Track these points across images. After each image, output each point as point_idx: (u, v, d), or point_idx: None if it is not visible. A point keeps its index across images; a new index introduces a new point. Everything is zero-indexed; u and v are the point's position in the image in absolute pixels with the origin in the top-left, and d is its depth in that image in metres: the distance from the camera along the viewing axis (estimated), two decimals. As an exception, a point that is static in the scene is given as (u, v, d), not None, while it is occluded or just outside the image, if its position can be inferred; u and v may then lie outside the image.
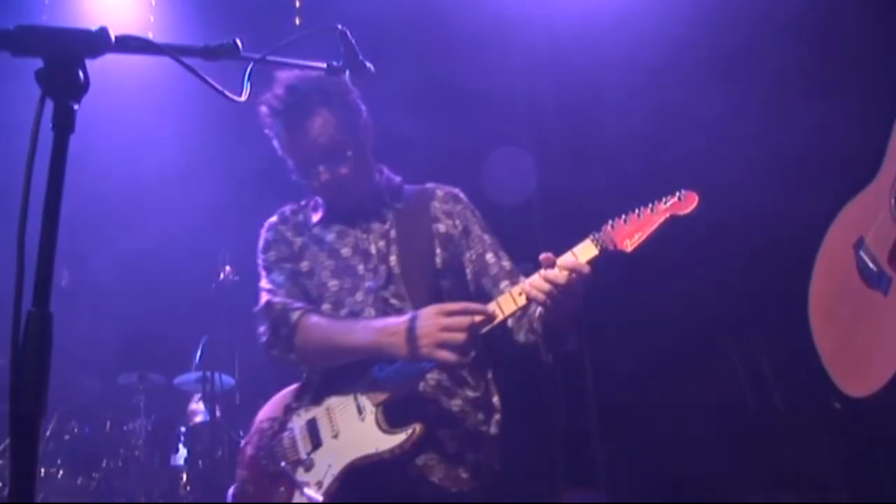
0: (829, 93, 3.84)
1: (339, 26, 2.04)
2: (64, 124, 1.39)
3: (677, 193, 2.38)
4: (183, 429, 6.08)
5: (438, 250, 2.75)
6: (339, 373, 2.61)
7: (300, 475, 2.53)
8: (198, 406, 6.25)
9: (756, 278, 4.14)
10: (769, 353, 4.45)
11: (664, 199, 2.38)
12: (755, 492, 4.32)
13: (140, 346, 6.33)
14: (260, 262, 2.91)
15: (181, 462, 5.85)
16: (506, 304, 2.42)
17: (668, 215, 2.35)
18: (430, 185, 2.94)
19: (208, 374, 5.89)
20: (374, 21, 4.51)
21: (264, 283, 2.85)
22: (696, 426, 4.53)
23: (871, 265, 2.62)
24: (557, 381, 5.37)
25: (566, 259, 2.34)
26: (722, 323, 4.52)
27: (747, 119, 4.21)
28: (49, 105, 1.40)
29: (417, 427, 2.43)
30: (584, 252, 2.35)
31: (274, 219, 2.96)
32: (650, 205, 2.38)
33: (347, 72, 2.21)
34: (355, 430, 2.50)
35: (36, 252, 1.30)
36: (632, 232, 2.34)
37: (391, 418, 2.48)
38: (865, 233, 2.68)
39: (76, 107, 1.42)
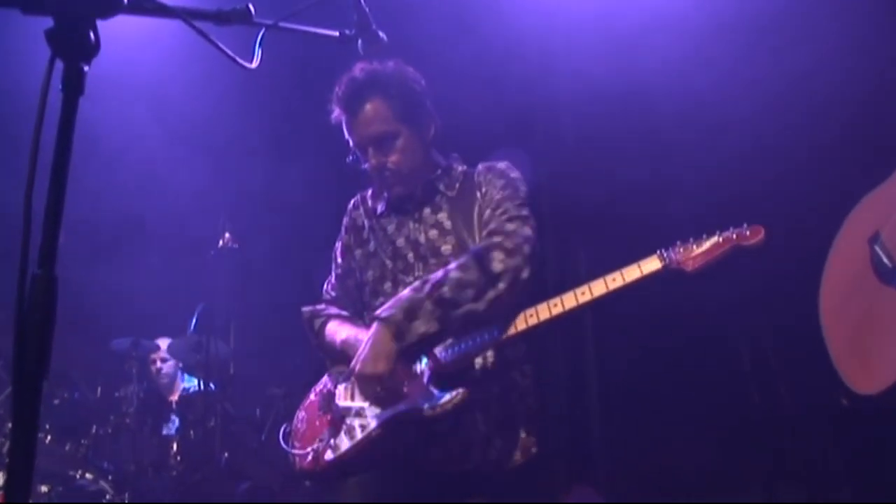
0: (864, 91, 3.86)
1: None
2: (74, 86, 1.41)
3: (745, 226, 2.56)
4: (175, 397, 6.17)
5: (479, 231, 2.81)
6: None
7: (349, 419, 2.70)
8: (164, 358, 6.29)
9: (765, 270, 4.17)
10: (776, 348, 4.47)
11: (732, 230, 2.57)
12: (758, 491, 4.37)
13: (134, 311, 6.39)
14: (337, 243, 3.12)
15: (172, 431, 5.93)
16: (568, 301, 2.58)
17: (733, 245, 2.55)
18: (480, 165, 2.99)
19: (204, 340, 5.96)
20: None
21: (333, 268, 3.12)
22: (699, 422, 4.58)
23: (885, 260, 2.65)
24: (558, 372, 5.41)
25: (631, 271, 2.54)
26: (728, 315, 4.55)
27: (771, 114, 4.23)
28: (59, 66, 1.41)
29: (461, 392, 2.52)
30: (649, 265, 2.55)
31: (354, 200, 3.13)
32: (719, 233, 2.58)
33: (360, 41, 2.26)
34: (408, 389, 2.62)
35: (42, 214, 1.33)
36: (697, 256, 2.55)
37: (440, 383, 2.59)
38: (882, 227, 2.70)
39: (87, 69, 1.43)
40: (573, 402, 5.25)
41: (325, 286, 3.12)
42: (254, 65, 1.82)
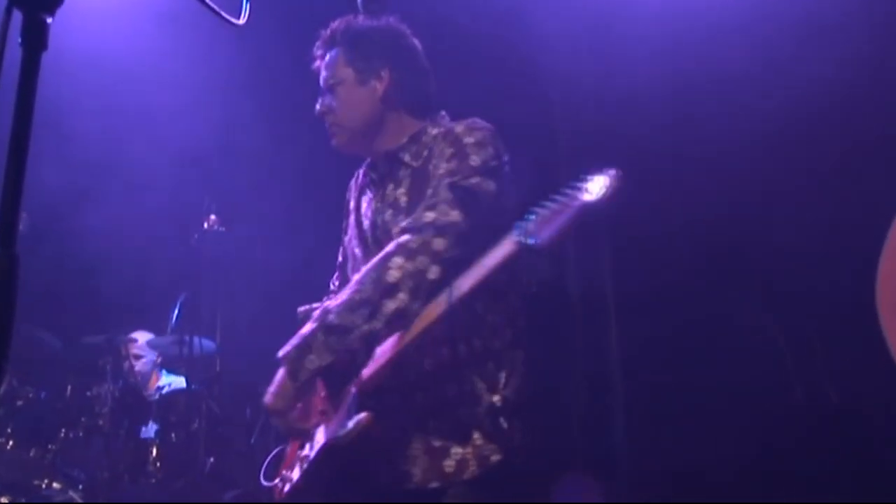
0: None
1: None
2: (35, 41, 1.38)
3: (586, 178, 2.26)
4: (156, 396, 6.15)
5: None
6: None
7: (305, 448, 2.83)
8: (138, 354, 6.29)
9: (811, 255, 4.20)
10: (824, 341, 4.50)
11: (573, 187, 2.26)
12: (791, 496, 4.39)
13: (110, 302, 6.38)
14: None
15: (151, 434, 5.91)
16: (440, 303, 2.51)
17: (578, 208, 2.22)
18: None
19: (185, 337, 5.95)
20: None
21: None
22: (732, 414, 4.62)
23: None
24: (578, 360, 5.45)
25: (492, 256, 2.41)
26: (767, 301, 4.60)
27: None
28: (17, 17, 1.39)
29: (364, 416, 2.54)
30: (503, 249, 2.38)
31: (355, 176, 3.21)
32: (562, 194, 2.28)
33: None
34: (336, 416, 2.71)
35: None
36: (542, 226, 2.27)
37: (369, 401, 2.61)
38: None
39: (49, 20, 1.40)
40: (595, 401, 5.28)
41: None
42: (241, 21, 1.80)
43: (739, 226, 4.71)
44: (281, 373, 2.67)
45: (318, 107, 2.96)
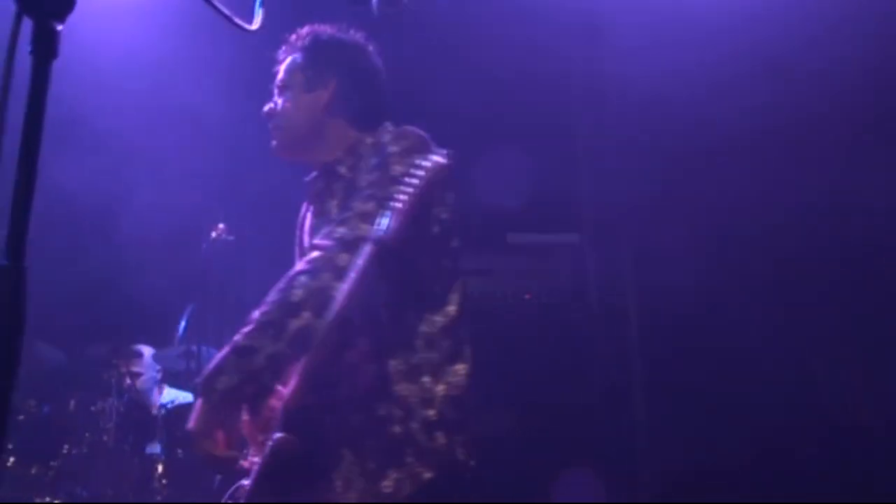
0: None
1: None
2: (45, 49, 1.39)
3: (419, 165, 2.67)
4: (162, 411, 6.16)
5: None
6: None
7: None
8: (136, 372, 6.28)
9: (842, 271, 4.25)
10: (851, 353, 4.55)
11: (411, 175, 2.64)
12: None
13: (114, 312, 6.39)
14: None
15: (157, 450, 5.92)
16: None
17: (414, 195, 2.59)
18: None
19: (193, 349, 5.96)
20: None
21: None
22: (754, 422, 4.65)
23: None
24: (598, 339, 5.49)
25: None
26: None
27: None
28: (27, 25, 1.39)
29: (278, 437, 2.64)
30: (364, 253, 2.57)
31: None
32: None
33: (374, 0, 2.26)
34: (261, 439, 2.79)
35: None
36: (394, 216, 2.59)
37: (288, 423, 2.70)
38: None
39: (60, 28, 1.41)
40: (616, 405, 5.30)
41: None
42: (254, 26, 1.81)
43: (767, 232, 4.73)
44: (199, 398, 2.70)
45: (265, 108, 3.06)
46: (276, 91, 3.08)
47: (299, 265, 2.66)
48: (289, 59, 3.07)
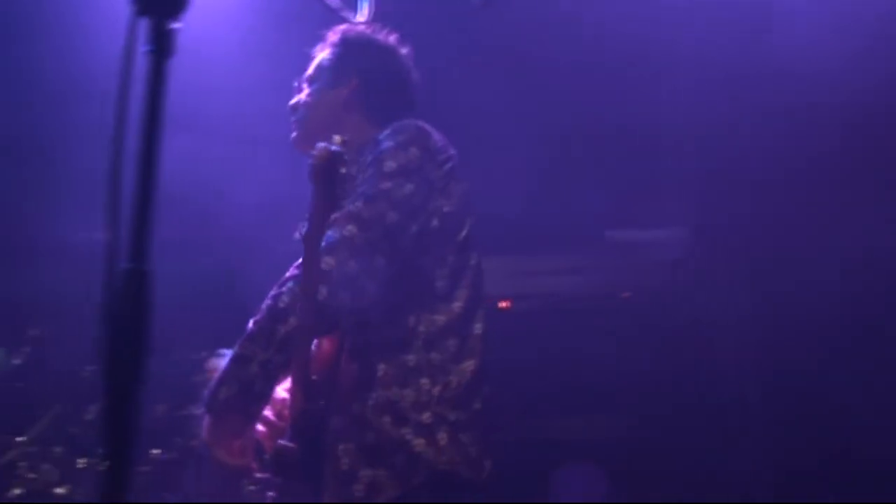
0: None
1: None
2: (163, 48, 1.41)
3: None
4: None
5: None
6: None
7: None
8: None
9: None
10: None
11: None
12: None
13: (209, 316, 6.46)
14: None
15: (249, 457, 5.98)
16: None
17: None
18: None
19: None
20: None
21: None
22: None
23: None
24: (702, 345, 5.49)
25: None
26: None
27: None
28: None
29: (280, 444, 2.66)
30: None
31: None
32: None
33: None
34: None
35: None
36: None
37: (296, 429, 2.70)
38: None
39: (176, 26, 1.44)
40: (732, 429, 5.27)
41: None
42: (361, 18, 1.83)
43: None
44: None
45: (291, 101, 3.18)
46: (303, 84, 3.17)
47: (290, 270, 2.81)
48: (320, 56, 3.14)
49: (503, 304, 5.72)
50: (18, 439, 5.45)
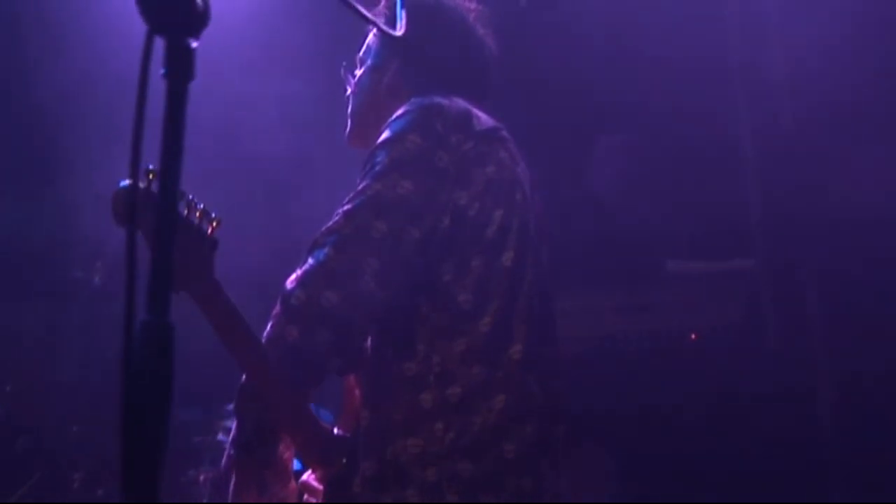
0: None
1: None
2: (181, 70, 1.39)
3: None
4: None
5: None
6: None
7: None
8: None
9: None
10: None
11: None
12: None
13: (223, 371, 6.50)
14: None
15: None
16: None
17: None
18: None
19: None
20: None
21: None
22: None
23: None
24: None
25: None
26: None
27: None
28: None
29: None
30: None
31: None
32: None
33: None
34: None
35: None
36: None
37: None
38: None
39: (195, 45, 1.42)
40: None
41: None
42: (399, 32, 1.85)
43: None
44: None
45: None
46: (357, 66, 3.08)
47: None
48: (373, 34, 3.02)
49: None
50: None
